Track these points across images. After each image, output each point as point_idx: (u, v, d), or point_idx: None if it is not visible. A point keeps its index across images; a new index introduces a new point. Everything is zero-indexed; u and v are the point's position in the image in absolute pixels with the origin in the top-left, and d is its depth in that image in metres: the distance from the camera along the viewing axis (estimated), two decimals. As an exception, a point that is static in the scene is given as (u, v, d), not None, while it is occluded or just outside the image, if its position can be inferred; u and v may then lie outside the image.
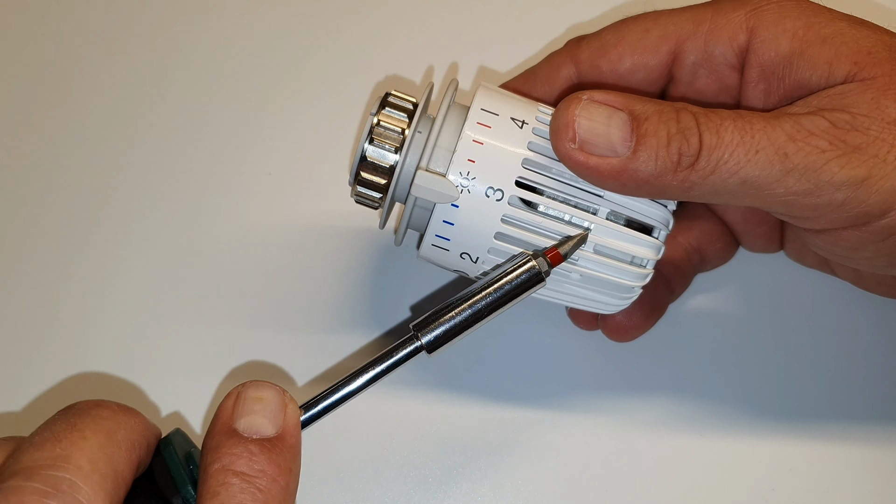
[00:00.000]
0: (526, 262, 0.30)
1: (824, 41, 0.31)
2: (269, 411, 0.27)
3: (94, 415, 0.25)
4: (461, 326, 0.30)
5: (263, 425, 0.26)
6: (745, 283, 0.40)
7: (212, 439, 0.26)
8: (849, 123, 0.29)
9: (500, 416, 0.37)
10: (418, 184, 0.30)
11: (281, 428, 0.27)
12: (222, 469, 0.25)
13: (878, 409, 0.37)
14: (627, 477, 0.36)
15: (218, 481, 0.25)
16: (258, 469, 0.25)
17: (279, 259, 0.40)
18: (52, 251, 0.40)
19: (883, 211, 0.30)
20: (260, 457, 0.25)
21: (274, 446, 0.26)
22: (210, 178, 0.42)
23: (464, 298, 0.30)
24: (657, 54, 0.34)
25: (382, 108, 0.32)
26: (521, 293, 0.30)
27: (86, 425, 0.25)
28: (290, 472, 0.26)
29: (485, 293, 0.30)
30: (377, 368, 0.29)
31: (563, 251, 0.31)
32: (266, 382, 0.27)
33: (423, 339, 0.29)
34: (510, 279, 0.30)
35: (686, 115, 0.30)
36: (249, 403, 0.27)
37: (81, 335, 0.39)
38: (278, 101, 0.44)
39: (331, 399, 0.28)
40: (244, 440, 0.26)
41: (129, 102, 0.44)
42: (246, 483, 0.25)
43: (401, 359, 0.29)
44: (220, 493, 0.25)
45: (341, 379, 0.29)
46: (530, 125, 0.31)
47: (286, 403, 0.27)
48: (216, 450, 0.26)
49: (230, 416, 0.26)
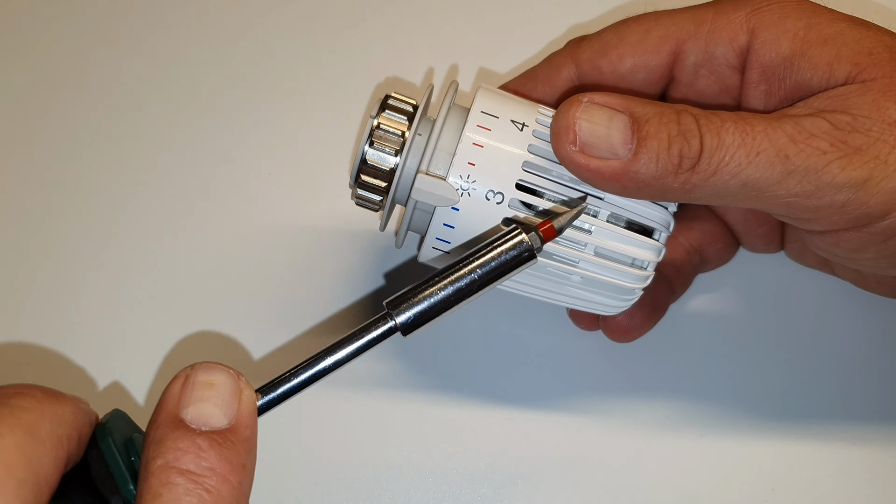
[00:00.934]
0: (516, 235, 0.28)
1: (825, 42, 0.31)
2: (220, 398, 0.24)
3: (13, 405, 0.22)
4: (440, 306, 0.27)
5: (214, 415, 0.24)
6: (745, 283, 0.40)
7: (155, 430, 0.23)
8: (850, 125, 0.29)
9: (500, 416, 0.37)
10: (418, 187, 0.30)
11: (234, 418, 0.24)
12: (166, 466, 0.22)
13: (878, 409, 0.37)
14: (628, 477, 0.36)
15: (160, 480, 0.22)
16: (207, 467, 0.23)
17: (279, 259, 0.40)
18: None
19: (884, 212, 0.30)
20: (209, 452, 0.23)
21: (226, 440, 0.23)
22: (210, 177, 0.42)
23: (444, 274, 0.27)
24: (658, 55, 0.34)
25: (382, 110, 0.32)
26: (510, 270, 0.27)
27: (2, 419, 0.22)
28: (244, 468, 0.23)
29: (468, 269, 0.27)
30: (344, 351, 0.26)
31: (557, 224, 0.29)
32: (218, 364, 0.25)
33: (396, 318, 0.26)
34: (497, 254, 0.27)
35: (687, 116, 0.30)
36: (199, 389, 0.24)
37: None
38: (278, 102, 0.44)
39: (291, 383, 0.25)
40: (191, 433, 0.23)
41: (130, 102, 0.44)
42: (192, 483, 0.22)
43: (371, 340, 0.26)
44: (163, 495, 0.22)
45: (302, 362, 0.26)
46: (530, 127, 0.31)
47: (241, 389, 0.24)
48: (159, 443, 0.23)
49: (177, 403, 0.24)
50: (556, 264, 0.31)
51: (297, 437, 0.36)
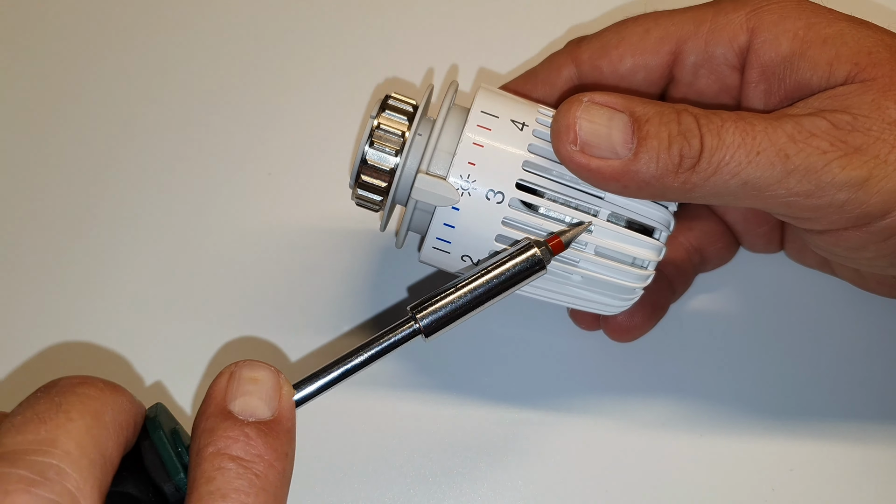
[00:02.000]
0: (528, 248, 0.30)
1: (825, 42, 0.31)
2: (264, 393, 0.25)
3: (81, 393, 0.23)
4: (460, 311, 0.29)
5: (259, 407, 0.25)
6: (745, 283, 0.40)
7: (205, 420, 0.25)
8: (850, 124, 0.29)
9: (500, 416, 0.37)
10: (419, 187, 0.30)
11: (277, 410, 0.25)
12: (217, 453, 0.24)
13: (878, 409, 0.37)
14: (628, 477, 0.36)
15: (213, 465, 0.24)
16: (255, 454, 0.24)
17: (279, 259, 0.40)
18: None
19: (884, 212, 0.30)
20: (257, 441, 0.24)
21: (271, 430, 0.25)
22: (210, 177, 0.42)
23: (463, 283, 0.29)
24: (658, 55, 0.34)
25: (382, 110, 0.32)
26: (522, 280, 0.30)
27: (72, 405, 0.23)
28: (287, 457, 0.25)
29: (486, 279, 0.29)
30: (372, 350, 0.28)
31: (564, 239, 0.30)
32: (260, 362, 0.26)
33: (420, 322, 0.29)
34: (511, 266, 0.29)
35: (687, 116, 0.30)
36: (244, 384, 0.25)
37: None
38: (278, 101, 0.44)
39: (323, 380, 0.27)
40: (240, 423, 0.25)
41: (131, 101, 0.44)
42: (243, 468, 0.24)
43: (397, 341, 0.28)
44: (216, 479, 0.23)
45: (334, 360, 0.28)
46: (530, 127, 0.31)
47: (281, 385, 0.26)
48: (211, 432, 0.24)
49: (224, 396, 0.25)
50: (557, 264, 0.31)
51: (299, 438, 0.36)
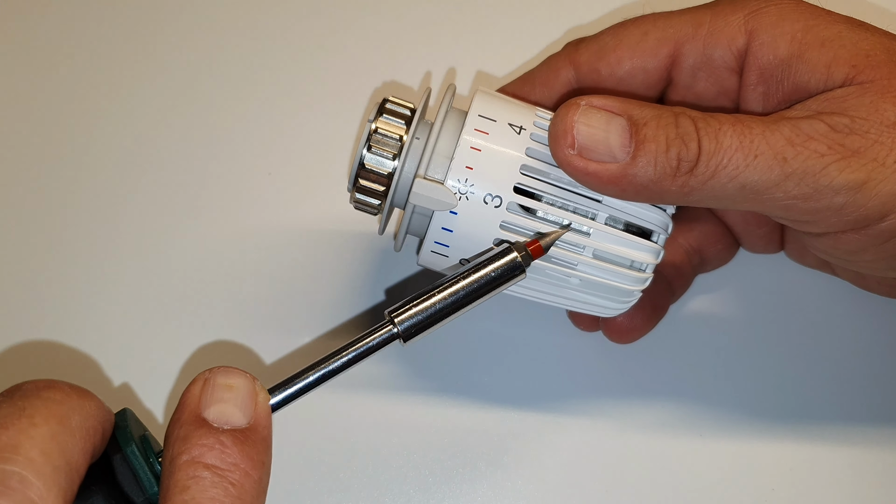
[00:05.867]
0: (507, 252, 0.30)
1: (823, 44, 0.31)
2: (239, 400, 0.25)
3: (45, 398, 0.23)
4: (439, 315, 0.29)
5: (234, 415, 0.25)
6: (745, 283, 0.40)
7: (179, 428, 0.24)
8: (847, 127, 0.29)
9: (500, 416, 0.37)
10: (416, 192, 0.30)
11: (252, 418, 0.25)
12: (192, 461, 0.23)
13: (879, 410, 0.37)
14: (628, 477, 0.36)
15: (187, 474, 0.23)
16: (231, 462, 0.24)
17: (277, 260, 0.40)
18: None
19: (882, 214, 0.30)
20: (232, 449, 0.24)
21: (247, 438, 0.24)
22: (210, 177, 0.42)
23: (442, 287, 0.29)
24: (656, 57, 0.34)
25: (380, 114, 0.32)
26: (501, 284, 0.30)
27: (36, 410, 0.22)
28: (263, 465, 0.25)
29: (464, 283, 0.29)
30: (349, 355, 0.28)
31: (544, 243, 0.30)
32: (235, 369, 0.26)
33: (399, 326, 0.28)
34: (490, 270, 0.29)
35: (685, 119, 0.30)
36: (219, 391, 0.25)
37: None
38: (277, 106, 0.44)
39: (297, 385, 0.27)
40: (215, 431, 0.24)
41: (131, 102, 0.44)
42: (218, 477, 0.23)
43: (373, 346, 0.28)
44: (191, 488, 0.23)
45: (309, 364, 0.27)
46: (528, 131, 0.31)
47: (257, 392, 0.26)
48: (185, 440, 0.24)
49: (198, 403, 0.25)
50: (555, 267, 0.31)
51: (298, 438, 0.36)
